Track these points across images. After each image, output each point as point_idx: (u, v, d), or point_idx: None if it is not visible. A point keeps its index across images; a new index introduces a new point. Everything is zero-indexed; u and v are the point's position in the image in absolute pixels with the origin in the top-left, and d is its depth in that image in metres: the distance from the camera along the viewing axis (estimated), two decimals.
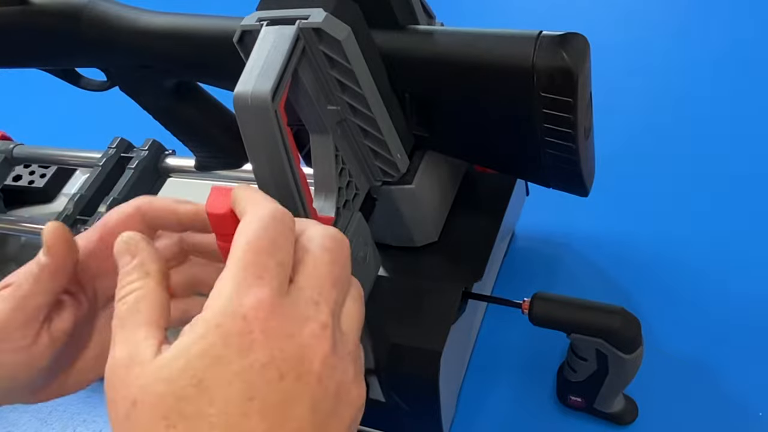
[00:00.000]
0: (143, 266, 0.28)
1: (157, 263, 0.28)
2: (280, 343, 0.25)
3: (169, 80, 0.46)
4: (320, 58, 0.35)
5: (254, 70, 0.33)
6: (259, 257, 0.26)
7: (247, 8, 0.37)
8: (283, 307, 0.26)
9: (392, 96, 0.38)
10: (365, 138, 0.38)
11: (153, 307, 0.27)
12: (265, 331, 0.25)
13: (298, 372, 0.25)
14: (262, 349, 0.25)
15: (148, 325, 0.26)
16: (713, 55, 0.72)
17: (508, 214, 0.48)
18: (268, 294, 0.25)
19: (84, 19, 0.44)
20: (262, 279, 0.26)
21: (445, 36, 0.36)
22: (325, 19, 0.33)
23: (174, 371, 0.24)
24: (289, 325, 0.25)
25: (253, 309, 0.25)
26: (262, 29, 0.34)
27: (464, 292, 0.43)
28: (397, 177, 0.40)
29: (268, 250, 0.26)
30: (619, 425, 0.47)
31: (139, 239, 0.29)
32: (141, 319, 0.27)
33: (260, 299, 0.25)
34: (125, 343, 0.26)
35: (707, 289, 0.53)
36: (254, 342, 0.25)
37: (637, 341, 0.40)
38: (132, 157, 0.56)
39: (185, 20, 0.42)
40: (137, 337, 0.26)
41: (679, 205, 0.59)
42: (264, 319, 0.25)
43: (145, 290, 0.28)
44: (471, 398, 0.51)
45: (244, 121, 0.33)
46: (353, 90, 0.36)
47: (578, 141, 0.34)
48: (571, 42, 0.32)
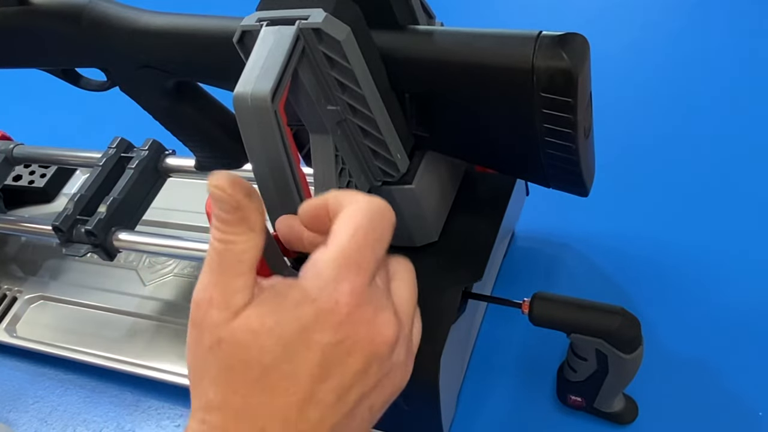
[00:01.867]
0: (248, 221, 0.29)
1: (261, 217, 0.30)
2: (357, 327, 0.29)
3: (169, 80, 0.46)
4: (320, 59, 0.35)
5: (254, 71, 0.33)
6: (363, 249, 0.29)
7: (247, 8, 0.37)
8: (368, 295, 0.29)
9: (392, 96, 0.38)
10: (365, 138, 0.38)
11: (253, 258, 0.29)
12: (350, 315, 0.28)
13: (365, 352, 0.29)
14: (343, 329, 0.28)
15: (247, 275, 0.29)
16: (714, 55, 0.72)
17: (508, 214, 0.48)
18: (361, 284, 0.29)
19: (84, 20, 0.44)
20: (360, 269, 0.29)
21: (444, 36, 0.36)
22: (325, 19, 0.33)
23: (264, 327, 0.28)
24: (369, 313, 0.29)
25: (347, 296, 0.28)
26: (262, 29, 0.34)
27: (464, 292, 0.43)
28: (397, 177, 0.40)
29: (372, 244, 0.29)
30: (619, 425, 0.47)
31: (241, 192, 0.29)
32: (241, 270, 0.29)
33: (354, 288, 0.28)
34: (224, 288, 0.28)
35: (707, 289, 0.53)
36: (339, 323, 0.28)
37: (637, 341, 0.40)
38: (132, 157, 0.56)
39: (185, 20, 0.42)
40: (235, 286, 0.28)
41: (679, 205, 0.59)
42: (354, 305, 0.28)
43: (249, 244, 0.29)
44: (471, 398, 0.51)
45: (244, 122, 0.33)
46: (353, 90, 0.36)
47: (578, 141, 0.34)
48: (571, 42, 0.32)
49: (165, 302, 0.59)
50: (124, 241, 0.52)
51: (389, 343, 0.29)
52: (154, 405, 0.56)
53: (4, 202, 0.67)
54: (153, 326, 0.58)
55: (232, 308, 0.28)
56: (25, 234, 0.63)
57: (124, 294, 0.61)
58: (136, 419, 0.55)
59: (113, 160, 0.56)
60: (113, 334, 0.58)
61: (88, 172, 0.57)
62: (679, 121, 0.66)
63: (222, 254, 0.29)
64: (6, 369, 0.61)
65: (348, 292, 0.28)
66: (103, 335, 0.58)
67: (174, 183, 0.61)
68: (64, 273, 0.65)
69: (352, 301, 0.28)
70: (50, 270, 0.65)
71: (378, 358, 0.29)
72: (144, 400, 0.56)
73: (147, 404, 0.56)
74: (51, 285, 0.64)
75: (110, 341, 0.58)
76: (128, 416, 0.55)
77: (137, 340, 0.57)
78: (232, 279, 0.29)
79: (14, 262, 0.67)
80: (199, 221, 0.63)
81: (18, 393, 0.59)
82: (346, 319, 0.28)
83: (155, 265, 0.62)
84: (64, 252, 0.53)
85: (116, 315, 0.60)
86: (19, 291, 0.64)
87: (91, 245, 0.52)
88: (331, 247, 0.29)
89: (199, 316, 0.29)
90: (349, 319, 0.28)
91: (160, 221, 0.63)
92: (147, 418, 0.55)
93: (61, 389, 0.58)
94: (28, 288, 0.64)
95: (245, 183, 0.29)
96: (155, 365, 0.55)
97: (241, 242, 0.29)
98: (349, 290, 0.28)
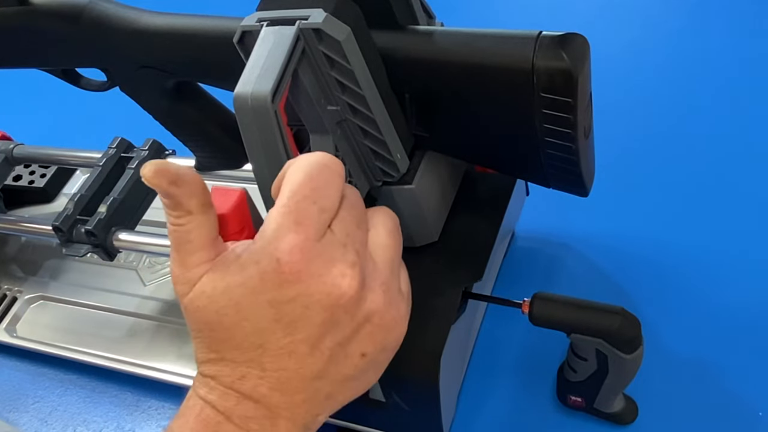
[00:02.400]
0: (182, 205, 0.31)
1: (194, 197, 0.31)
2: (308, 282, 0.29)
3: (169, 80, 0.46)
4: (320, 59, 0.35)
5: (254, 71, 0.33)
6: (301, 204, 0.30)
7: (248, 8, 0.37)
8: (314, 251, 0.30)
9: (392, 96, 0.38)
10: (365, 138, 0.38)
11: (200, 236, 0.31)
12: (295, 273, 0.29)
13: (324, 305, 0.30)
14: (290, 286, 0.29)
15: (202, 251, 0.31)
16: (714, 55, 0.72)
17: (508, 215, 0.48)
18: (302, 240, 0.29)
19: (84, 20, 0.44)
20: (300, 225, 0.30)
21: (444, 36, 0.36)
22: (325, 19, 0.33)
23: (216, 291, 0.30)
24: (319, 267, 0.30)
25: (287, 253, 0.29)
26: (262, 30, 0.34)
27: (464, 292, 0.43)
28: (397, 177, 0.40)
29: (311, 197, 0.30)
30: (619, 425, 0.47)
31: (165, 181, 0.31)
32: (192, 247, 0.31)
33: (293, 245, 0.29)
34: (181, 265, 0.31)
35: (707, 289, 0.53)
36: (285, 281, 0.29)
37: (637, 341, 0.40)
38: (132, 157, 0.56)
39: (185, 20, 0.42)
40: (190, 262, 0.31)
41: (679, 205, 0.59)
42: (296, 262, 0.29)
43: (191, 225, 0.31)
44: (471, 398, 0.51)
45: (244, 122, 0.33)
46: (353, 90, 0.36)
47: (578, 141, 0.34)
48: (571, 42, 0.32)
49: (165, 302, 0.59)
50: (124, 241, 0.52)
51: (347, 293, 0.30)
52: (154, 405, 0.56)
53: (4, 202, 0.67)
54: (153, 326, 0.58)
55: (191, 281, 0.31)
56: (25, 234, 0.63)
57: (124, 294, 0.61)
58: (136, 419, 0.55)
59: (113, 160, 0.56)
60: (113, 334, 0.58)
61: (88, 172, 0.57)
62: (679, 121, 0.66)
63: (174, 235, 0.31)
64: (6, 369, 0.61)
65: (287, 251, 0.29)
66: (103, 335, 0.58)
67: None
68: (64, 273, 0.65)
69: (294, 259, 0.29)
70: (50, 270, 0.65)
71: (341, 308, 0.30)
72: (144, 400, 0.56)
73: (147, 404, 0.56)
74: (51, 285, 0.64)
75: (110, 341, 0.58)
76: (128, 416, 0.55)
77: (137, 340, 0.57)
78: (186, 257, 0.31)
79: (14, 262, 0.67)
80: None
81: (18, 393, 0.59)
82: (292, 277, 0.29)
83: (155, 265, 0.62)
84: (64, 252, 0.53)
85: (116, 315, 0.60)
86: (19, 291, 0.64)
87: (91, 245, 0.52)
88: (274, 206, 0.31)
89: (175, 291, 0.32)
90: (296, 277, 0.29)
91: (160, 221, 0.62)
92: (147, 418, 0.55)
93: (61, 389, 0.58)
94: (28, 288, 0.64)
95: (172, 170, 0.30)
96: (155, 365, 0.55)
97: (185, 223, 0.31)
98: (288, 248, 0.29)
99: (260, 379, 0.30)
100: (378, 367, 0.34)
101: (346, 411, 0.35)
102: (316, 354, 0.30)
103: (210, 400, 0.31)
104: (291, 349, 0.30)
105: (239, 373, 0.30)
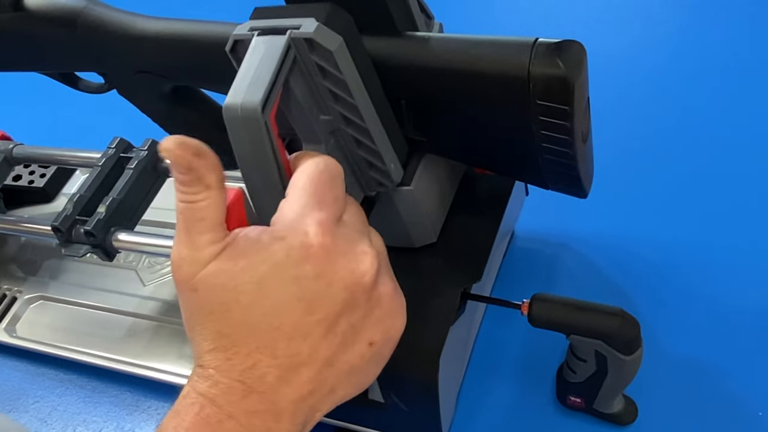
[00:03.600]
0: (202, 180, 0.30)
1: (214, 172, 0.30)
2: (335, 258, 0.30)
3: (166, 84, 0.45)
4: (312, 68, 0.34)
5: (244, 81, 0.32)
6: (320, 188, 0.31)
7: (245, 13, 0.37)
8: (338, 230, 0.30)
9: (386, 106, 0.37)
10: (359, 148, 0.38)
11: (215, 214, 0.30)
12: (323, 247, 0.29)
13: (347, 282, 0.30)
14: (317, 262, 0.29)
15: (212, 231, 0.30)
16: (713, 55, 0.71)
17: (507, 215, 0.48)
18: (327, 217, 0.30)
19: (79, 25, 0.44)
20: (322, 204, 0.31)
21: (441, 43, 0.35)
22: (317, 29, 0.33)
23: (237, 267, 0.29)
24: (343, 245, 0.30)
25: (314, 226, 0.30)
26: (254, 39, 0.34)
27: (463, 293, 0.43)
28: (392, 187, 0.40)
29: (327, 184, 0.31)
30: (618, 426, 0.47)
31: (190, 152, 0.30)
32: (204, 227, 0.30)
33: (320, 220, 0.30)
34: (191, 244, 0.30)
35: (707, 290, 0.53)
36: (312, 255, 0.29)
37: (637, 342, 0.40)
38: (131, 157, 0.56)
39: (181, 26, 0.42)
40: (201, 241, 0.30)
41: (679, 204, 0.59)
42: (324, 236, 0.30)
43: (207, 201, 0.30)
44: (470, 398, 0.51)
45: (235, 133, 0.33)
46: (346, 100, 0.35)
47: (575, 147, 0.34)
48: (568, 49, 0.32)
49: (165, 302, 0.59)
50: (124, 241, 0.52)
51: (370, 272, 0.30)
52: (154, 405, 0.56)
53: (4, 202, 0.67)
54: (153, 326, 0.58)
55: (202, 261, 0.30)
56: (25, 234, 0.63)
57: (123, 294, 0.61)
58: (136, 419, 0.55)
59: (112, 161, 0.56)
60: (113, 334, 0.58)
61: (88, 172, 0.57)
62: (679, 121, 0.66)
63: (185, 213, 0.30)
64: (6, 369, 0.61)
65: (315, 223, 0.30)
66: (103, 335, 0.58)
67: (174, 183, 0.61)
68: (63, 273, 0.65)
69: (321, 232, 0.29)
70: (50, 270, 0.65)
71: (362, 287, 0.30)
72: (144, 400, 0.56)
73: (147, 404, 0.56)
74: (51, 285, 0.64)
75: (110, 341, 0.58)
76: (128, 416, 0.55)
77: (137, 340, 0.57)
78: (197, 236, 0.30)
79: (14, 262, 0.67)
80: None
81: (18, 393, 0.59)
82: (319, 251, 0.29)
83: (155, 265, 0.62)
84: (64, 252, 0.53)
85: (116, 315, 0.60)
86: (19, 291, 0.64)
87: (90, 245, 0.52)
88: (290, 193, 0.31)
89: (177, 275, 0.30)
90: (322, 251, 0.29)
91: (159, 221, 0.63)
92: (147, 418, 0.55)
93: (61, 389, 0.59)
94: (28, 288, 0.64)
95: (194, 143, 0.30)
96: (155, 365, 0.55)
97: (200, 200, 0.30)
98: (316, 221, 0.30)
99: (270, 367, 0.29)
100: (380, 361, 0.33)
101: (344, 411, 0.35)
102: (329, 337, 0.30)
103: (212, 396, 0.29)
104: (307, 330, 0.29)
105: (250, 361, 0.29)
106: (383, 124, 0.37)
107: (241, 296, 0.29)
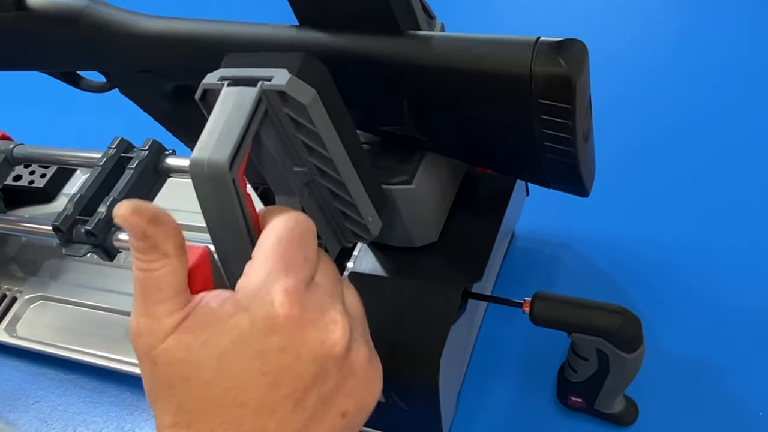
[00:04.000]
0: (158, 248, 0.28)
1: (172, 239, 0.29)
2: (303, 329, 0.28)
3: (168, 84, 0.45)
4: (285, 120, 0.33)
5: (212, 136, 0.31)
6: (289, 249, 0.29)
7: (246, 13, 0.37)
8: (307, 296, 0.28)
9: (363, 157, 0.36)
10: (334, 200, 0.37)
11: (173, 282, 0.29)
12: (289, 318, 0.27)
13: (316, 354, 0.28)
14: (283, 333, 0.27)
15: (170, 300, 0.28)
16: (713, 55, 0.71)
17: (508, 215, 0.48)
18: (294, 284, 0.28)
19: (81, 25, 0.44)
20: (289, 269, 0.28)
21: (442, 42, 0.35)
22: (289, 81, 0.31)
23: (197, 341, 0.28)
24: (313, 313, 0.28)
25: (281, 295, 0.28)
26: (223, 90, 0.32)
27: (464, 292, 0.43)
28: (369, 240, 0.39)
29: (297, 243, 0.29)
30: (619, 426, 0.47)
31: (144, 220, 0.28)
32: (163, 296, 0.28)
33: (287, 288, 0.28)
34: (149, 315, 0.28)
35: (707, 289, 0.53)
36: (278, 326, 0.27)
37: (638, 340, 0.40)
38: (132, 157, 0.56)
39: (183, 25, 0.42)
40: (159, 312, 0.28)
41: (679, 204, 0.59)
42: (292, 305, 0.27)
43: (165, 270, 0.29)
44: (471, 398, 0.51)
45: (201, 190, 0.31)
46: (320, 153, 0.34)
47: (577, 145, 0.34)
48: (569, 48, 0.32)
49: None
50: (124, 241, 0.52)
51: (341, 342, 0.28)
52: None
53: (4, 202, 0.67)
54: None
55: (161, 333, 0.28)
56: (25, 234, 0.63)
57: (124, 294, 0.61)
58: (136, 419, 0.55)
59: (113, 160, 0.56)
60: (113, 334, 0.58)
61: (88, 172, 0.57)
62: (679, 120, 0.66)
63: (142, 282, 0.29)
64: (6, 369, 0.61)
65: (282, 291, 0.28)
66: (103, 335, 0.58)
67: (174, 183, 0.61)
68: (64, 273, 0.65)
69: (288, 302, 0.27)
70: (50, 270, 0.65)
71: (332, 358, 0.28)
72: (144, 400, 0.56)
73: (147, 404, 0.56)
74: (51, 285, 0.64)
75: (110, 341, 0.58)
76: (128, 416, 0.55)
77: None
78: (155, 306, 0.28)
79: (14, 262, 0.67)
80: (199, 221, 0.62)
81: (18, 393, 0.59)
82: (285, 322, 0.27)
83: None
84: (64, 252, 0.53)
85: (116, 315, 0.60)
86: (19, 291, 0.64)
87: (91, 245, 0.52)
88: (257, 255, 0.29)
89: (136, 346, 0.29)
90: (289, 322, 0.27)
91: None
92: (147, 418, 0.55)
93: (61, 389, 0.58)
94: (28, 288, 0.64)
95: (150, 209, 0.28)
96: None
97: (157, 268, 0.28)
98: (282, 290, 0.28)
99: None
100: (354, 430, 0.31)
101: None
102: (298, 411, 0.28)
103: None
104: (274, 406, 0.28)
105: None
106: (360, 176, 0.36)
107: (202, 371, 0.27)
